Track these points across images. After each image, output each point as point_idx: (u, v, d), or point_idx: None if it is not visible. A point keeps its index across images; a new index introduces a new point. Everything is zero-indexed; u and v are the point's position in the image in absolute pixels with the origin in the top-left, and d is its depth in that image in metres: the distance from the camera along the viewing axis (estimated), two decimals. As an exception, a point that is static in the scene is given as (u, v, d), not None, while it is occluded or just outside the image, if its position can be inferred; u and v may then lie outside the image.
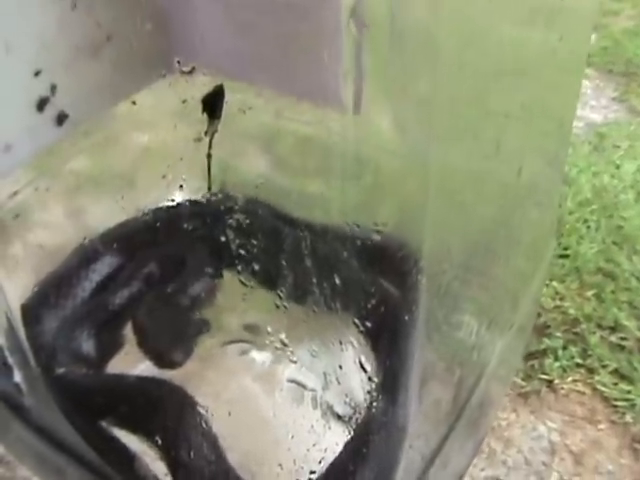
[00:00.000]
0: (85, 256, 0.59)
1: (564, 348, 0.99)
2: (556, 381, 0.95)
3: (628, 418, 0.92)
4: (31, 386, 0.50)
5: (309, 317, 0.48)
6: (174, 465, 0.48)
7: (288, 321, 0.50)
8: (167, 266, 0.61)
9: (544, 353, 0.98)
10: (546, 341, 1.00)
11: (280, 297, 0.49)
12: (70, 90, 0.51)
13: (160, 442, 0.48)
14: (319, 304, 0.47)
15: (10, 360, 0.48)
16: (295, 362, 0.51)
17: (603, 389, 0.95)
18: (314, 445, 0.48)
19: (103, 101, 0.56)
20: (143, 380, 0.54)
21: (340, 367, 0.47)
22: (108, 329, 0.58)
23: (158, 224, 0.60)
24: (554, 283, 1.09)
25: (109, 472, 0.51)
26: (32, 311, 0.55)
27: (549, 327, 1.02)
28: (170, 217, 0.59)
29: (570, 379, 0.96)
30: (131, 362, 0.56)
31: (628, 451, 0.89)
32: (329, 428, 0.49)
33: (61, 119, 0.50)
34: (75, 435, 0.50)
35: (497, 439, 0.89)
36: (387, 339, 0.47)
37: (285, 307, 0.49)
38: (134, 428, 0.51)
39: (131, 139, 0.58)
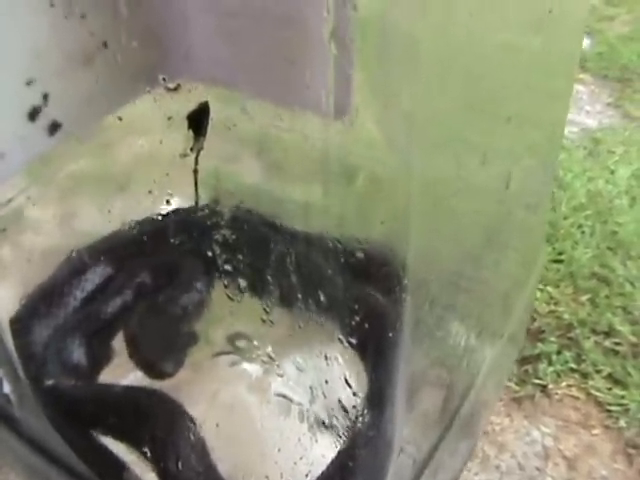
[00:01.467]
0: (74, 267, 0.60)
1: (558, 353, 0.99)
2: (550, 386, 0.96)
3: (622, 423, 0.92)
4: (20, 397, 0.50)
5: (295, 331, 0.48)
6: (164, 475, 0.48)
7: (275, 335, 0.50)
8: (158, 277, 0.62)
9: (538, 358, 0.99)
10: (540, 346, 1.00)
11: (267, 311, 0.49)
12: (63, 99, 0.51)
13: (149, 452, 0.48)
14: (306, 314, 0.47)
15: (-1, 372, 0.48)
16: (282, 376, 0.51)
17: (597, 394, 0.95)
18: (301, 458, 0.48)
19: (96, 111, 0.56)
20: (133, 390, 0.54)
21: (326, 381, 0.47)
22: (99, 339, 0.58)
23: (147, 235, 0.60)
24: (548, 288, 1.09)
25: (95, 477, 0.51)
26: (21, 323, 0.56)
27: (543, 332, 1.03)
28: (159, 229, 0.60)
29: (564, 384, 0.96)
30: (122, 372, 0.56)
31: (622, 456, 0.89)
32: (316, 441, 0.49)
33: (53, 128, 0.50)
34: (65, 446, 0.50)
35: (491, 444, 0.90)
36: (374, 351, 0.47)
37: (271, 322, 0.49)
38: (124, 438, 0.51)
39: (127, 145, 0.59)
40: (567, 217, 1.22)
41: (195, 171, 0.49)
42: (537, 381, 0.96)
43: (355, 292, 0.47)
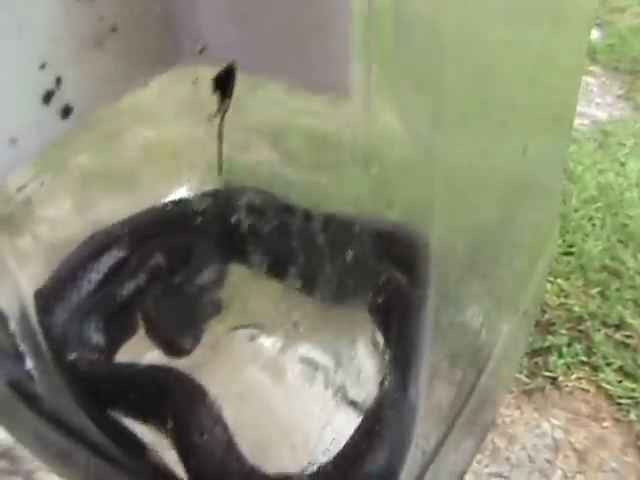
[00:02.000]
0: (99, 244, 0.60)
1: (568, 345, 0.99)
2: (560, 378, 0.95)
3: (632, 416, 0.91)
4: (43, 373, 0.50)
5: (319, 310, 0.48)
6: (185, 452, 0.48)
7: (298, 310, 0.50)
8: (178, 255, 0.61)
9: (548, 350, 0.98)
10: (550, 338, 1.00)
11: (289, 286, 0.49)
12: (75, 83, 0.50)
13: (170, 430, 0.48)
14: (328, 296, 0.47)
15: (22, 347, 0.48)
16: (307, 343, 0.50)
17: (607, 387, 0.94)
18: (326, 425, 0.47)
19: (107, 94, 0.55)
20: (153, 368, 0.54)
21: (353, 342, 0.47)
22: (118, 317, 0.58)
23: (172, 215, 0.60)
24: (559, 280, 1.08)
25: (121, 458, 0.51)
26: (45, 297, 0.56)
27: (554, 324, 1.02)
28: (180, 210, 0.60)
29: (574, 376, 0.96)
30: (139, 351, 0.56)
31: (632, 449, 0.88)
32: (341, 408, 0.48)
33: (66, 112, 0.50)
34: (87, 421, 0.50)
35: (501, 436, 0.89)
36: (398, 323, 0.47)
37: (296, 298, 0.49)
38: (145, 416, 0.51)
39: (138, 132, 0.58)
40: (577, 210, 1.21)
41: (219, 135, 0.48)
42: (547, 373, 0.96)
43: (379, 266, 0.46)
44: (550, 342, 0.99)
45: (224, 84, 0.47)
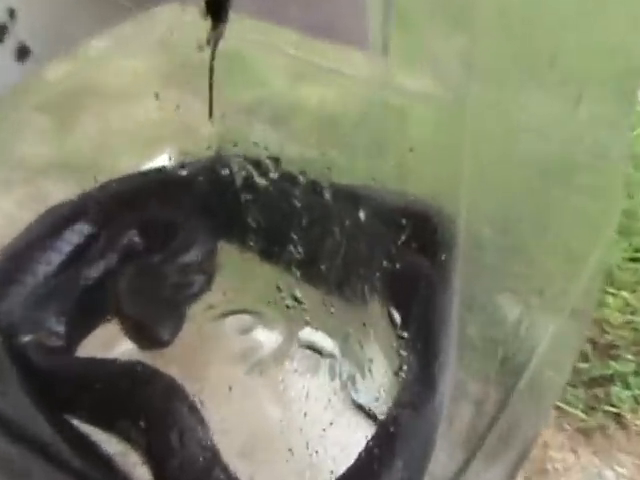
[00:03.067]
0: (61, 218, 0.55)
1: (636, 374, 0.87)
2: (627, 416, 0.84)
3: None
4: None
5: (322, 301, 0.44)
6: (159, 460, 0.43)
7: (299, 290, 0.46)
8: (156, 231, 0.58)
9: (611, 379, 0.87)
10: (613, 365, 0.88)
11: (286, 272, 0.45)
12: (31, 20, 0.46)
13: (141, 434, 0.44)
14: (335, 288, 0.43)
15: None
16: (309, 324, 0.47)
17: (685, 427, 0.82)
18: (331, 424, 0.43)
19: (69, 36, 0.50)
20: (120, 362, 0.49)
21: (364, 324, 0.44)
22: (83, 302, 0.54)
23: (151, 184, 0.57)
24: (623, 293, 0.95)
25: (80, 468, 0.45)
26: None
27: (617, 347, 0.90)
28: (161, 178, 0.57)
29: (644, 413, 0.85)
30: (107, 343, 0.51)
31: None
32: (347, 404, 0.45)
33: (23, 53, 0.45)
34: (42, 424, 0.46)
35: (552, 488, 0.78)
36: (418, 299, 0.44)
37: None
38: (110, 418, 0.46)
39: (107, 83, 0.54)
40: (648, 207, 1.08)
41: (211, 68, 0.42)
42: (610, 408, 0.84)
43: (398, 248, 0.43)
44: (613, 369, 0.87)
45: (217, 6, 0.41)
